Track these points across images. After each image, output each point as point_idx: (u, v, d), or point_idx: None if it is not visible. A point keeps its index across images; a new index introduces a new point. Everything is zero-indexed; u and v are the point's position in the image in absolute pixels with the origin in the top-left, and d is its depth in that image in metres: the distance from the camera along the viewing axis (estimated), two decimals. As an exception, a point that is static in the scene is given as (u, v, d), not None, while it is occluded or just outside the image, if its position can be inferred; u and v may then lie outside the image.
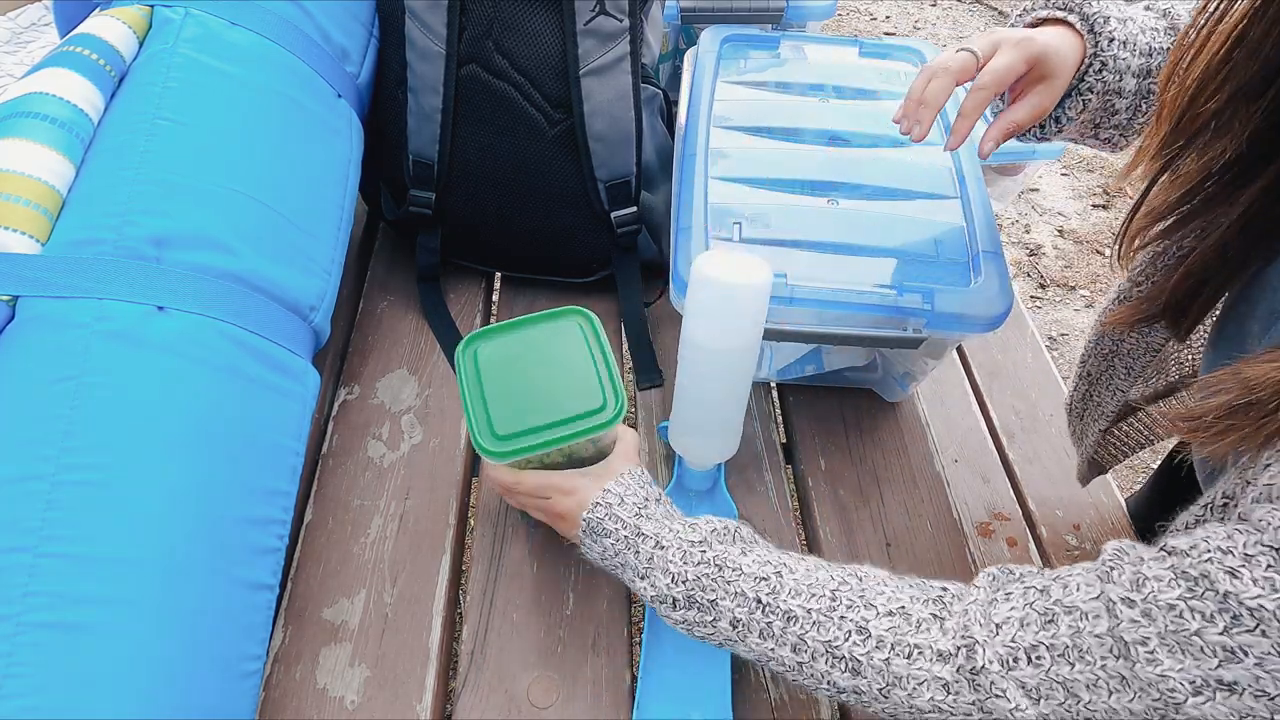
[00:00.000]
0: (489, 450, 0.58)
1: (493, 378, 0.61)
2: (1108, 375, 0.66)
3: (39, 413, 0.49)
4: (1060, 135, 0.63)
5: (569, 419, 0.58)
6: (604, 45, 0.76)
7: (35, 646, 0.44)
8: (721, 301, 0.59)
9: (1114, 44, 0.56)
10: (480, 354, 0.62)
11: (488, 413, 0.59)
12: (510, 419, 0.58)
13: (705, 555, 0.54)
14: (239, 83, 0.65)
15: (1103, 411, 0.68)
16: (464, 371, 0.61)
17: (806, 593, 0.50)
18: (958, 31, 2.93)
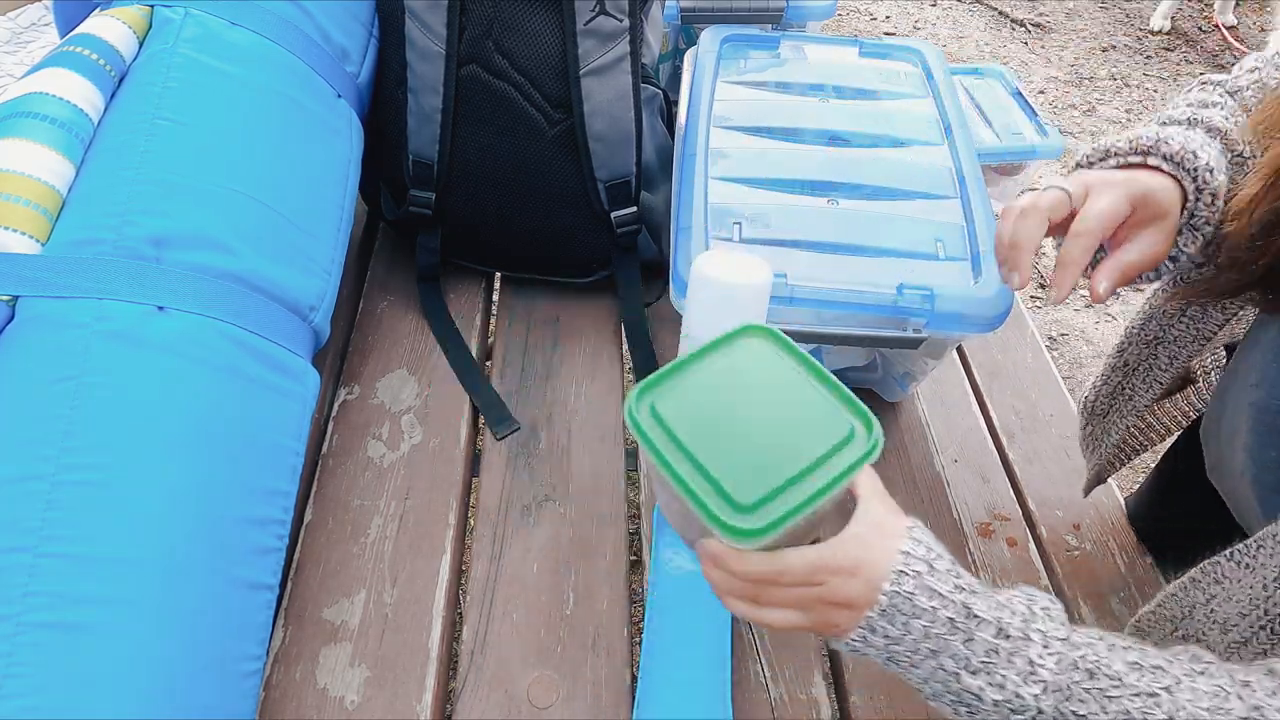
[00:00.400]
0: (744, 531, 0.43)
1: (694, 435, 0.46)
2: (1148, 365, 0.64)
3: (39, 413, 0.49)
4: (1172, 272, 0.58)
5: (821, 459, 0.45)
6: (604, 45, 0.76)
7: (35, 646, 0.44)
8: (721, 301, 0.59)
9: (1211, 173, 0.52)
10: (661, 408, 0.47)
11: (713, 482, 0.44)
12: (748, 483, 0.44)
13: (1074, 656, 0.42)
14: (239, 83, 0.65)
15: (1134, 406, 0.66)
16: (651, 435, 0.46)
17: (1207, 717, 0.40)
18: (958, 31, 2.93)
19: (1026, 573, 0.72)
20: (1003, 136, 1.05)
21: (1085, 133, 2.50)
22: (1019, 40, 2.92)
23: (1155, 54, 2.89)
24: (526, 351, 0.86)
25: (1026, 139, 1.05)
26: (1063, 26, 3.01)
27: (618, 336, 0.89)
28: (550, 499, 0.74)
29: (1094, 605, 0.70)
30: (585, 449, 0.78)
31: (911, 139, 0.79)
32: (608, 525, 0.72)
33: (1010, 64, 2.78)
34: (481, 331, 0.89)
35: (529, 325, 0.89)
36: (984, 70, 1.15)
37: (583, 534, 0.72)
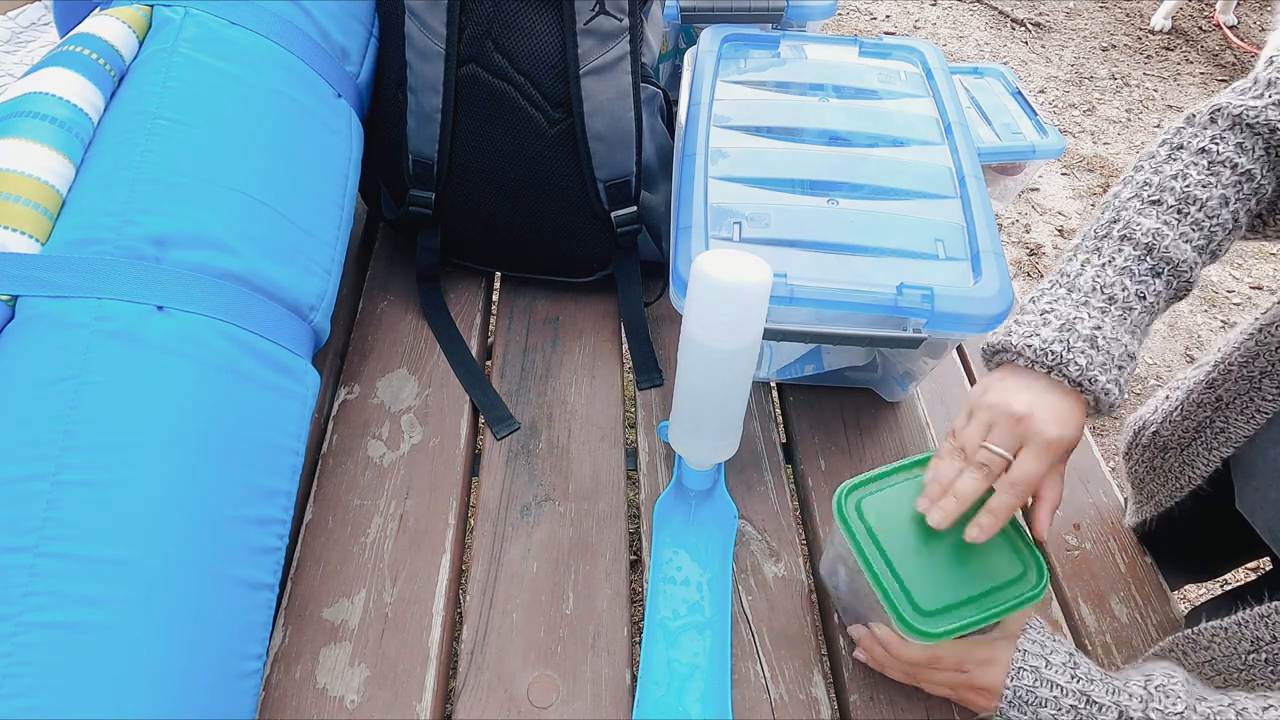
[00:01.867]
0: (921, 632, 0.52)
1: (890, 539, 0.55)
2: (1248, 398, 0.62)
3: (39, 413, 0.49)
4: None
5: (994, 589, 0.54)
6: (604, 45, 0.76)
7: (35, 646, 0.44)
8: (721, 301, 0.59)
9: (1116, 386, 0.52)
10: (865, 508, 0.57)
11: (901, 583, 0.54)
12: (931, 593, 0.54)
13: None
14: (239, 82, 0.65)
15: (1229, 439, 0.63)
16: (855, 529, 0.56)
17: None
18: (958, 31, 2.93)
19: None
20: (1003, 136, 1.05)
21: (1085, 133, 2.51)
22: (1019, 40, 2.92)
23: (1155, 54, 2.89)
24: (526, 351, 0.86)
25: (1026, 139, 1.05)
26: (1063, 26, 3.01)
27: (618, 336, 0.89)
28: (550, 499, 0.74)
29: (1094, 605, 0.70)
30: (585, 449, 0.78)
31: (911, 139, 0.79)
32: (608, 525, 0.72)
33: (1010, 64, 2.78)
34: (481, 331, 0.89)
35: (529, 325, 0.89)
36: (984, 70, 1.15)
37: (582, 534, 0.72)
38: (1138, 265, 0.54)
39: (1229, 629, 0.56)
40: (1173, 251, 0.54)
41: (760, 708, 0.63)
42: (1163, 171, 0.56)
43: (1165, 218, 0.55)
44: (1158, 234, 0.54)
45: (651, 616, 0.67)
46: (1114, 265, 0.55)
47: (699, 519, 0.73)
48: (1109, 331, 0.52)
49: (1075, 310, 0.54)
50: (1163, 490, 0.70)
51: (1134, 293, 0.54)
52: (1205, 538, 0.76)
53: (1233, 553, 0.80)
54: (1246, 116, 0.55)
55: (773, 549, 0.72)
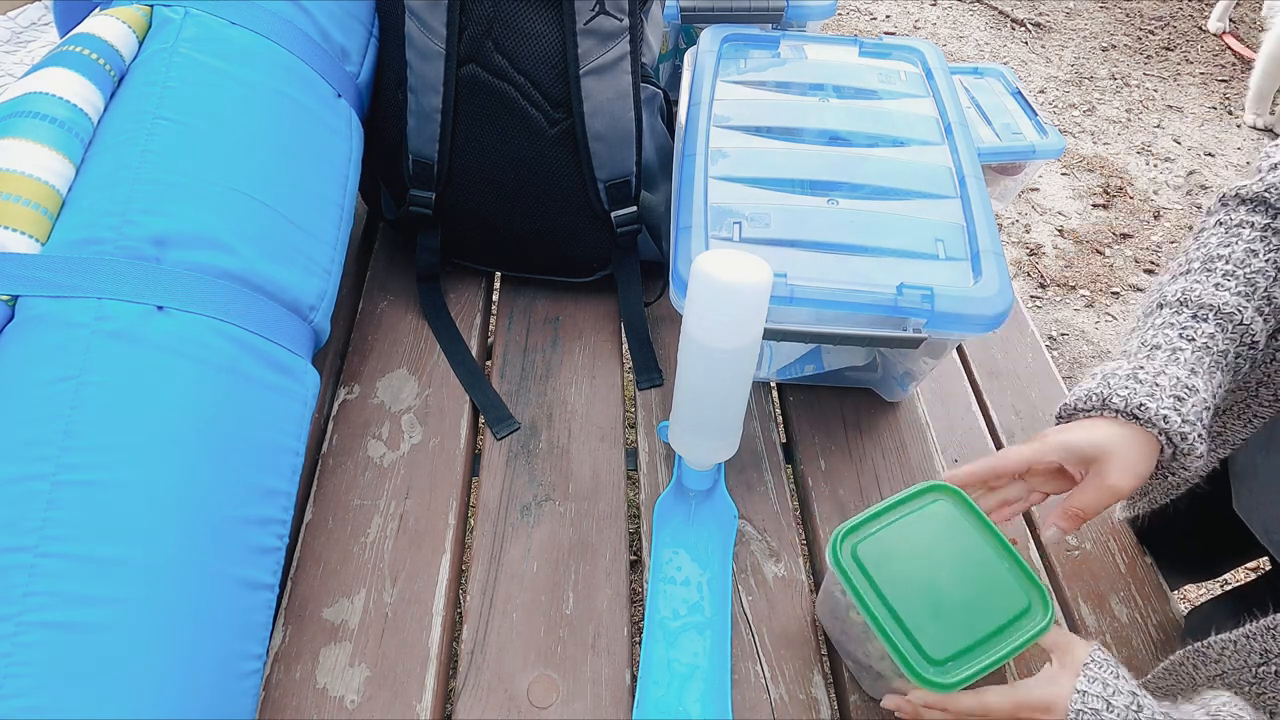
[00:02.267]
0: (937, 684, 0.51)
1: (891, 587, 0.55)
2: (1245, 404, 0.62)
3: (39, 413, 0.49)
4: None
5: (1003, 627, 0.53)
6: (604, 45, 0.76)
7: (35, 646, 0.44)
8: (721, 301, 0.59)
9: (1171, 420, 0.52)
10: (862, 555, 0.56)
11: (911, 636, 0.53)
12: (939, 640, 0.53)
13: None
14: (239, 82, 0.65)
15: (1226, 441, 0.64)
16: (852, 577, 0.55)
17: None
18: (958, 31, 2.93)
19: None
20: (1003, 136, 1.05)
21: (1085, 133, 2.51)
22: (1019, 40, 2.92)
23: (1155, 54, 2.89)
24: (526, 351, 0.86)
25: (1026, 138, 1.05)
26: (1063, 26, 3.01)
27: (618, 336, 0.89)
28: (550, 499, 0.74)
29: (1094, 605, 0.70)
30: (585, 449, 0.78)
31: (911, 139, 0.79)
32: (608, 525, 0.72)
33: (1010, 64, 2.78)
34: (481, 331, 0.89)
35: (529, 325, 0.89)
36: (984, 70, 1.15)
37: (582, 534, 0.72)
38: (1176, 317, 0.56)
39: (1237, 642, 0.56)
40: (1208, 298, 0.56)
41: (760, 708, 0.63)
42: (1188, 251, 0.60)
43: (1194, 278, 0.57)
44: (1188, 289, 0.56)
45: (651, 616, 0.67)
46: (1155, 326, 0.57)
47: (699, 519, 0.73)
48: (1150, 368, 0.54)
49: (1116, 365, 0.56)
50: (1159, 487, 0.70)
51: (1179, 335, 0.55)
52: (1203, 537, 0.76)
53: (1232, 552, 0.80)
54: (1244, 191, 0.58)
55: (773, 549, 0.72)
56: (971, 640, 0.53)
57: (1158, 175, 2.36)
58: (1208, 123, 2.57)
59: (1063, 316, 1.94)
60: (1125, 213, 2.23)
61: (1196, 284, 0.56)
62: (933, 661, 0.52)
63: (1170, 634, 0.69)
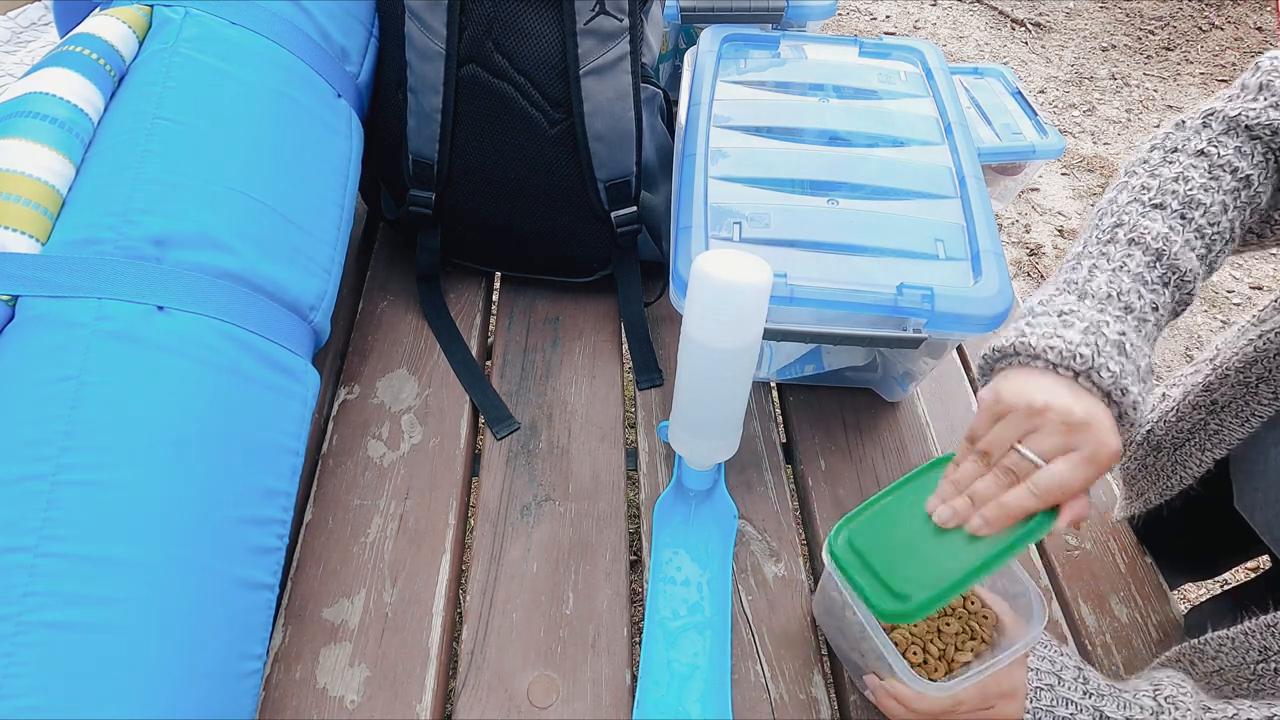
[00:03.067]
0: (898, 612, 0.50)
1: (878, 556, 0.54)
2: (1243, 401, 0.61)
3: (39, 413, 0.49)
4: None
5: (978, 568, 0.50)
6: (604, 45, 0.76)
7: (35, 646, 0.44)
8: (721, 301, 0.59)
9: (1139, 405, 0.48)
10: (856, 540, 0.55)
11: (883, 580, 0.52)
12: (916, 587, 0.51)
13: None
14: (239, 82, 0.65)
15: (1223, 440, 0.63)
16: (846, 563, 0.54)
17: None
18: (958, 31, 2.93)
19: (1027, 572, 0.72)
20: (1003, 136, 1.05)
21: (1085, 133, 2.51)
22: (1019, 40, 2.92)
23: (1155, 54, 2.89)
24: (526, 351, 0.86)
25: (1026, 139, 1.05)
26: (1063, 26, 3.01)
27: (618, 336, 0.89)
28: (550, 499, 0.74)
29: (1094, 605, 0.70)
30: (585, 449, 0.78)
31: (911, 139, 0.79)
32: (608, 525, 0.72)
33: (1010, 64, 2.78)
34: (481, 331, 0.89)
35: (529, 325, 0.89)
36: (984, 70, 1.15)
37: (582, 534, 0.72)
38: (1149, 273, 0.52)
39: (1235, 639, 0.56)
40: (1180, 260, 0.52)
41: (760, 708, 0.63)
42: (1161, 174, 0.54)
43: (1171, 222, 0.52)
44: (1166, 239, 0.52)
45: (651, 616, 0.67)
46: (1127, 271, 0.52)
47: (699, 519, 0.73)
48: (1133, 340, 0.49)
49: (1097, 315, 0.49)
50: (1153, 488, 0.70)
51: (1149, 303, 0.51)
52: (1203, 536, 0.76)
53: (1231, 551, 0.80)
54: (1245, 118, 0.53)
55: (773, 549, 0.72)
56: (948, 584, 0.50)
57: (1158, 175, 2.36)
58: (1208, 123, 2.57)
59: (1063, 316, 1.94)
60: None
61: (1172, 233, 0.52)
62: (900, 595, 0.51)
63: (1170, 634, 0.69)
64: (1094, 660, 0.67)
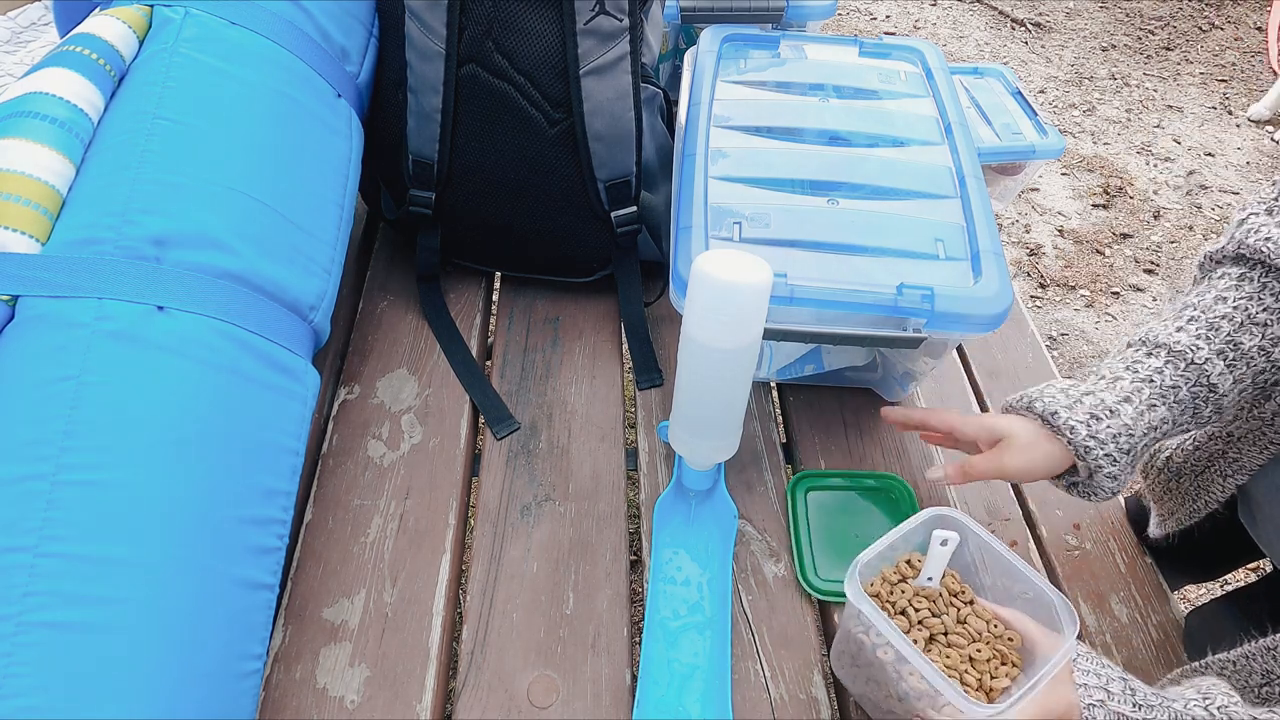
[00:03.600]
0: (819, 589, 0.68)
1: (818, 522, 0.73)
2: (1259, 432, 0.63)
3: (39, 413, 0.48)
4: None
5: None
6: (604, 45, 0.76)
7: (35, 646, 0.44)
8: (721, 301, 0.59)
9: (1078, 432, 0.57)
10: (809, 496, 0.75)
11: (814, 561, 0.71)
12: (829, 571, 0.70)
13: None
14: (239, 82, 0.65)
15: (1242, 466, 0.65)
16: (796, 505, 0.74)
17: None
18: (958, 31, 2.93)
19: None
20: (1003, 136, 1.05)
21: (1085, 133, 2.51)
22: (1019, 40, 2.92)
23: (1155, 54, 2.89)
24: (526, 351, 0.86)
25: (1026, 139, 1.05)
26: (1063, 26, 3.01)
27: (618, 336, 0.89)
28: (550, 499, 0.74)
29: (1094, 605, 0.70)
30: (585, 449, 0.78)
31: (911, 139, 0.79)
32: (608, 525, 0.72)
33: (1010, 64, 2.78)
34: (481, 331, 0.89)
35: (529, 325, 0.89)
36: (984, 70, 1.15)
37: (583, 534, 0.72)
38: (1129, 352, 0.60)
39: (1238, 662, 0.56)
40: (1164, 338, 0.58)
41: (760, 708, 0.63)
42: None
43: (1161, 322, 0.60)
44: (1150, 331, 0.59)
45: (651, 616, 0.67)
46: (1110, 362, 0.61)
47: (699, 519, 0.73)
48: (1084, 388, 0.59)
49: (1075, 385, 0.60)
50: (1182, 509, 0.70)
51: (1124, 367, 0.59)
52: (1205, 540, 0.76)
53: (1232, 555, 0.80)
54: (1217, 254, 0.60)
55: (773, 549, 0.72)
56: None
57: (1158, 175, 2.36)
58: (1208, 123, 2.57)
59: (1063, 316, 1.94)
60: (1125, 213, 2.23)
61: (1161, 327, 0.59)
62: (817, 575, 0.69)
63: (1170, 634, 0.69)
64: (1094, 660, 0.67)
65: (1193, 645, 0.68)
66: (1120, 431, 0.56)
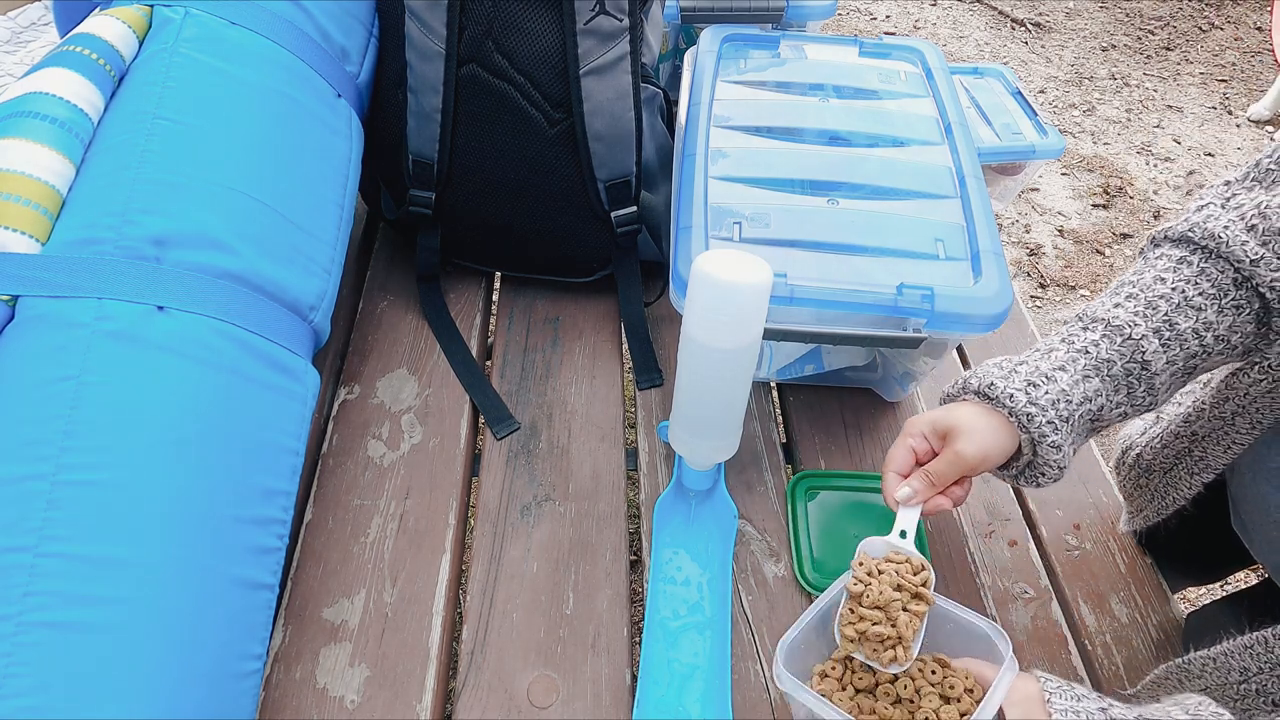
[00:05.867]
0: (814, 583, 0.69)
1: (817, 521, 0.73)
2: (1223, 432, 0.63)
3: (39, 413, 0.48)
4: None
5: None
6: (604, 45, 0.76)
7: (35, 646, 0.44)
8: (721, 301, 0.59)
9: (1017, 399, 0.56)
10: (809, 496, 0.75)
11: (813, 552, 0.71)
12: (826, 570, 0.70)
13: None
14: (239, 82, 0.65)
15: (1208, 465, 0.65)
16: (796, 504, 0.74)
17: None
18: (958, 31, 2.93)
19: (1026, 573, 0.72)
20: (1003, 136, 1.05)
21: (1085, 133, 2.51)
22: (1019, 40, 2.92)
23: (1155, 54, 2.89)
24: (526, 351, 0.86)
25: (1026, 139, 1.05)
26: (1063, 26, 3.01)
27: (618, 336, 0.89)
28: (550, 499, 0.74)
29: (1094, 605, 0.70)
30: (585, 449, 0.78)
31: (911, 139, 0.79)
32: (608, 525, 0.72)
33: (1010, 64, 2.78)
34: (481, 331, 0.89)
35: (529, 325, 0.89)
36: (984, 70, 1.15)
37: (582, 534, 0.72)
38: (1066, 327, 0.60)
39: (1217, 659, 0.56)
40: (1101, 313, 0.58)
41: (760, 708, 0.63)
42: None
43: (1100, 299, 0.60)
44: (1089, 307, 0.60)
45: (651, 616, 0.67)
46: (1053, 335, 0.61)
47: (699, 519, 0.73)
48: (1017, 359, 0.59)
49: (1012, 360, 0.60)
50: (1150, 506, 0.70)
51: (1060, 339, 0.59)
52: (1205, 544, 0.76)
53: (1232, 558, 0.80)
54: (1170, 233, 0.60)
55: (773, 549, 0.72)
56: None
57: (1158, 175, 2.36)
58: (1208, 123, 2.57)
59: (1063, 316, 1.94)
60: (1125, 213, 2.23)
61: (1099, 303, 0.59)
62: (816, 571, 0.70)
63: (1170, 634, 0.69)
64: (1094, 660, 0.67)
65: (1193, 646, 0.68)
66: (1058, 397, 0.56)
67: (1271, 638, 0.53)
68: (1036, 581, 0.72)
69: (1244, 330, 0.56)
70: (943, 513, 0.75)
